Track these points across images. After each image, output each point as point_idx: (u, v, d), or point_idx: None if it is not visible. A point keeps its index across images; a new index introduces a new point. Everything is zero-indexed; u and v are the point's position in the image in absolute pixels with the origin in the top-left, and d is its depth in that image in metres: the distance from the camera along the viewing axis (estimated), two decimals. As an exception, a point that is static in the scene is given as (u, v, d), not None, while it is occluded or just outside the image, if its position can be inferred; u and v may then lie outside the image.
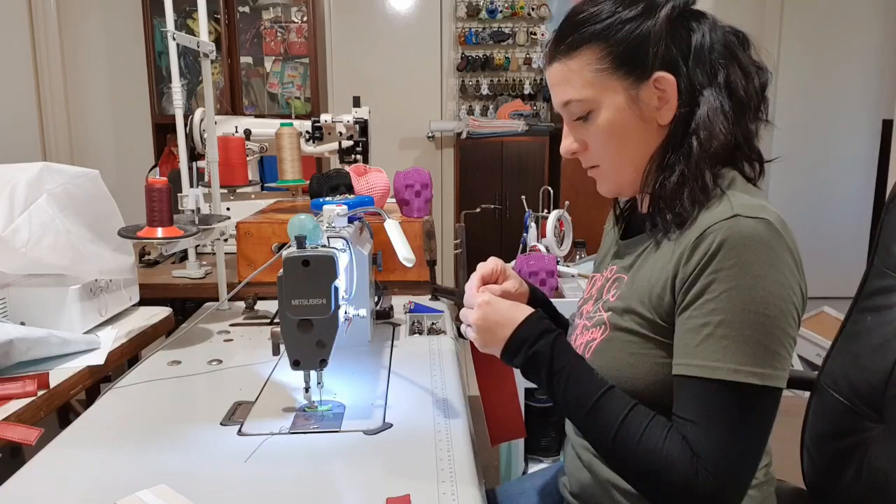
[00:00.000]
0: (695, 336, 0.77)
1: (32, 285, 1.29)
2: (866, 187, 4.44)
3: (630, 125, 0.87)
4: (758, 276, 0.75)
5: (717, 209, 0.80)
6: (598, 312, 0.93)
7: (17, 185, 1.25)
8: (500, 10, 4.22)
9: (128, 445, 0.94)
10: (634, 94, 0.85)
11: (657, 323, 0.83)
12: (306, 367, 0.99)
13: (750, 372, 0.75)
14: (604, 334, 0.90)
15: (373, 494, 0.81)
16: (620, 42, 0.84)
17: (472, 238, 3.70)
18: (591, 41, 0.86)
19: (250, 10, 3.87)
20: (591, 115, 0.88)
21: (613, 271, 0.95)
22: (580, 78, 0.87)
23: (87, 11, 4.16)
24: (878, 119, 4.36)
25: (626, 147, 0.89)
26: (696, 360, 0.77)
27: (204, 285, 1.84)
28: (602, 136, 0.88)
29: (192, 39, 1.49)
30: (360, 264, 1.24)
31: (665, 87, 0.85)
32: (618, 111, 0.86)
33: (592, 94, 0.87)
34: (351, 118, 2.13)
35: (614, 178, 0.92)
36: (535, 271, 1.89)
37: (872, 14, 4.29)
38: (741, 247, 0.76)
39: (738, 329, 0.75)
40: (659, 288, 0.83)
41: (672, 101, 0.85)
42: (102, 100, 4.28)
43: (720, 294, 0.76)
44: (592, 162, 0.93)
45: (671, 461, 0.76)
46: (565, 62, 0.88)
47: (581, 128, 0.90)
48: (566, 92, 0.89)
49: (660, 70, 0.84)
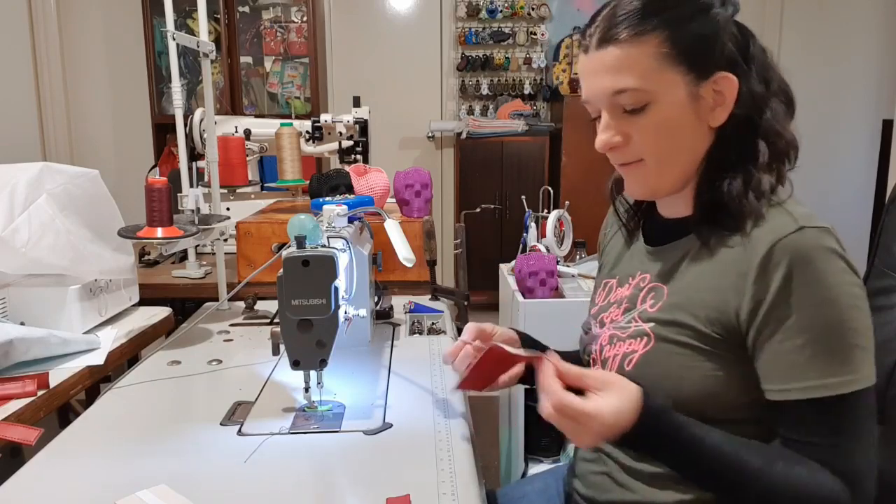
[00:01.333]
0: (797, 357, 0.76)
1: (32, 285, 1.29)
2: (866, 187, 4.43)
3: (684, 123, 0.83)
4: (837, 284, 0.75)
5: (778, 221, 0.79)
6: (633, 323, 0.90)
7: (17, 185, 1.25)
8: (500, 10, 4.22)
9: (128, 445, 0.94)
10: (695, 90, 0.81)
11: (712, 336, 0.81)
12: (306, 367, 0.99)
13: (862, 377, 0.75)
14: (647, 346, 0.86)
15: (373, 494, 0.81)
16: (689, 34, 0.80)
17: (472, 238, 3.70)
18: (658, 28, 0.80)
19: (250, 10, 3.87)
20: (645, 108, 0.82)
21: (647, 280, 0.91)
22: (641, 66, 0.80)
23: (87, 11, 4.16)
24: (878, 119, 4.36)
25: (676, 145, 0.84)
26: (810, 381, 0.75)
27: (204, 285, 1.84)
28: (654, 132, 0.83)
29: (192, 39, 1.49)
30: (360, 264, 1.24)
31: (724, 87, 0.81)
32: (675, 106, 0.82)
33: (653, 85, 0.81)
34: (351, 118, 2.13)
35: (656, 177, 0.87)
36: (535, 271, 1.89)
37: (872, 14, 4.29)
38: (817, 260, 0.76)
39: (837, 341, 0.75)
40: (719, 304, 0.80)
41: (729, 103, 0.82)
42: (102, 100, 4.28)
43: (808, 312, 0.75)
44: (633, 157, 0.86)
45: (822, 493, 0.75)
46: (626, 47, 0.80)
47: (627, 120, 0.84)
48: (622, 80, 0.81)
49: (723, 70, 0.81)
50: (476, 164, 4.00)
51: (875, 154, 4.38)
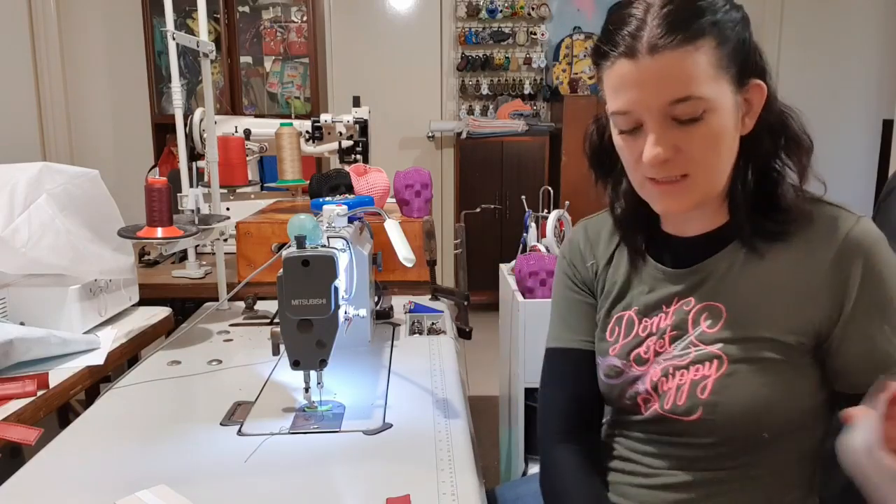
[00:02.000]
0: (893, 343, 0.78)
1: (32, 285, 1.29)
2: (866, 187, 4.43)
3: (731, 130, 0.81)
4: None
5: (834, 216, 0.82)
6: (691, 348, 0.85)
7: (17, 185, 1.25)
8: (500, 9, 4.22)
9: (128, 445, 0.94)
10: (737, 98, 0.80)
11: (794, 345, 0.80)
12: (306, 367, 0.99)
13: None
14: (721, 369, 0.82)
15: (373, 494, 0.81)
16: (734, 39, 0.78)
17: (472, 238, 3.70)
18: (709, 32, 0.76)
19: (250, 10, 3.87)
20: (703, 117, 0.77)
21: (692, 303, 0.87)
22: (701, 73, 0.76)
23: (87, 12, 4.16)
24: (878, 119, 4.36)
25: (725, 155, 0.82)
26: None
27: (204, 285, 1.84)
28: (708, 142, 0.79)
29: (192, 39, 1.49)
30: (360, 264, 1.24)
31: (754, 95, 0.81)
32: (728, 114, 0.79)
33: (711, 92, 0.77)
34: (351, 118, 2.13)
35: (704, 190, 0.82)
36: (535, 271, 1.89)
37: (872, 14, 4.29)
38: (883, 244, 0.80)
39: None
40: (798, 309, 0.80)
41: (756, 111, 0.82)
42: (102, 100, 4.28)
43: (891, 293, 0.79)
44: (682, 171, 0.80)
45: None
46: (685, 53, 0.75)
47: (681, 131, 0.78)
48: (684, 88, 0.76)
49: (756, 77, 0.81)
50: (476, 164, 4.00)
51: (875, 154, 4.38)
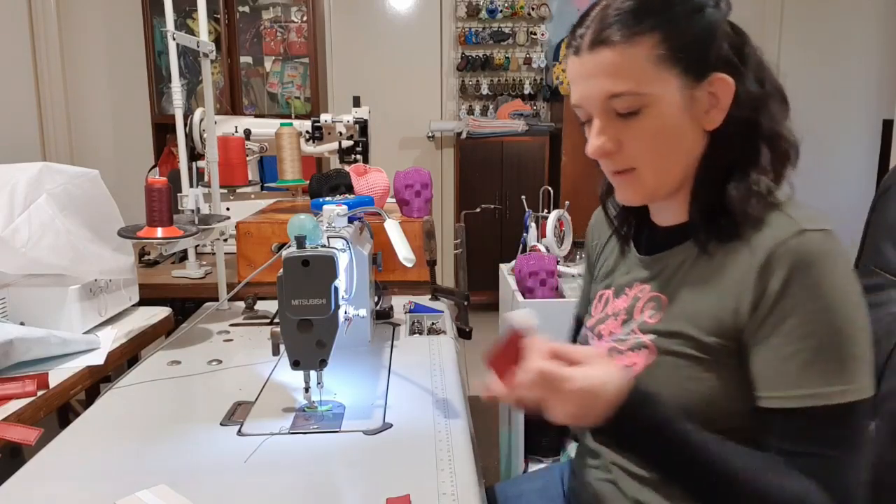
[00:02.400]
0: (790, 364, 0.74)
1: (32, 285, 1.29)
2: (866, 187, 4.43)
3: (681, 126, 0.80)
4: (837, 289, 0.73)
5: (779, 224, 0.77)
6: (632, 335, 0.88)
7: (17, 185, 1.25)
8: (500, 9, 4.22)
9: (128, 445, 0.94)
10: (690, 92, 0.79)
11: (714, 345, 0.79)
12: (306, 367, 0.99)
13: (857, 388, 0.73)
14: (649, 359, 0.84)
15: (373, 494, 0.81)
16: (685, 33, 0.78)
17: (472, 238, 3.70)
18: (653, 29, 0.77)
19: (250, 10, 3.87)
20: (641, 112, 0.79)
21: (646, 290, 0.89)
22: (637, 68, 0.77)
23: (87, 11, 4.16)
24: (878, 119, 4.36)
25: (672, 150, 0.81)
26: (804, 390, 0.73)
27: (204, 285, 1.84)
28: (648, 136, 0.80)
29: (192, 39, 1.49)
30: (360, 264, 1.24)
31: (719, 89, 0.79)
32: (671, 110, 0.79)
33: (648, 88, 0.78)
34: (351, 118, 2.13)
35: (652, 184, 0.84)
36: (535, 271, 1.89)
37: (872, 14, 4.29)
38: (817, 264, 0.73)
39: (836, 349, 0.73)
40: (718, 312, 0.79)
41: (724, 105, 0.80)
42: (102, 100, 4.28)
43: (809, 316, 0.73)
44: (626, 164, 0.83)
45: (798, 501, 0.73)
46: (620, 49, 0.78)
47: (621, 125, 0.81)
48: (617, 83, 0.78)
49: (720, 70, 0.79)
50: (476, 164, 4.00)
51: (875, 154, 4.38)
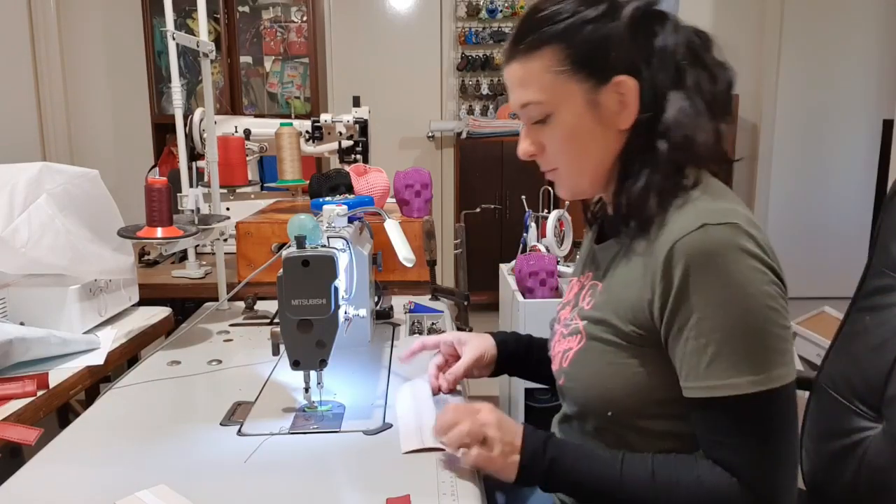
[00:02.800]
0: (700, 357, 0.76)
1: (32, 285, 1.29)
2: (866, 187, 4.43)
3: (589, 130, 0.85)
4: (740, 282, 0.74)
5: (683, 219, 0.78)
6: (574, 320, 0.92)
7: (17, 185, 1.25)
8: (500, 9, 4.22)
9: (128, 445, 0.94)
10: (594, 97, 0.83)
11: (633, 334, 0.83)
12: (306, 367, 0.99)
13: (767, 377, 0.74)
14: (580, 343, 0.89)
15: (373, 494, 0.81)
16: (581, 43, 0.82)
17: (472, 238, 3.69)
18: (552, 41, 0.83)
19: (250, 10, 3.87)
20: (549, 119, 0.86)
21: (589, 278, 0.95)
22: (539, 80, 0.85)
23: (87, 11, 4.16)
24: (878, 119, 4.36)
25: (584, 151, 0.87)
26: (711, 381, 0.75)
27: (204, 285, 1.84)
28: (560, 141, 0.87)
29: (192, 39, 1.49)
30: (360, 264, 1.24)
31: (625, 91, 0.83)
32: (576, 115, 0.84)
33: (551, 97, 0.84)
34: (351, 118, 2.13)
35: (572, 183, 0.91)
36: (535, 271, 1.89)
37: (872, 14, 4.29)
38: (717, 257, 0.75)
39: (740, 340, 0.74)
40: (636, 303, 0.82)
41: (632, 106, 0.83)
42: (102, 100, 4.28)
43: (711, 310, 0.75)
44: (550, 165, 0.91)
45: (711, 493, 0.76)
46: (524, 63, 0.85)
47: (539, 131, 0.88)
48: (524, 94, 0.86)
49: (621, 73, 0.82)
50: (476, 164, 4.00)
51: (875, 154, 4.38)
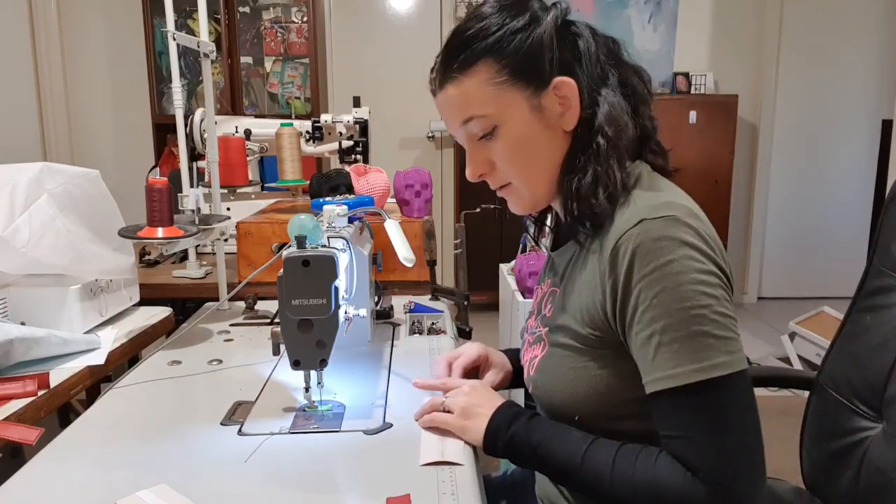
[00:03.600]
0: (647, 350, 0.77)
1: (32, 285, 1.29)
2: (866, 187, 4.44)
3: (537, 136, 0.86)
4: (679, 272, 0.75)
5: (623, 217, 0.80)
6: (538, 328, 0.94)
7: (18, 185, 1.25)
8: (500, 10, 4.22)
9: (128, 445, 0.94)
10: (537, 103, 0.85)
11: (591, 336, 0.84)
12: (306, 367, 0.99)
13: (710, 366, 0.74)
14: (544, 351, 0.90)
15: (373, 494, 0.81)
16: (514, 53, 0.83)
17: (472, 238, 3.70)
18: (485, 56, 0.84)
19: (250, 11, 3.87)
20: (495, 132, 0.86)
21: (549, 285, 0.95)
22: (479, 95, 0.85)
23: (87, 11, 4.16)
24: (878, 119, 4.36)
25: (535, 159, 0.88)
26: (657, 374, 0.76)
27: (204, 285, 1.84)
28: (509, 152, 0.87)
29: (193, 39, 1.49)
30: (360, 264, 1.24)
31: (566, 92, 0.84)
32: (523, 123, 0.85)
33: (495, 109, 0.85)
34: (351, 118, 2.13)
35: (529, 194, 0.91)
36: (535, 271, 1.89)
37: (872, 14, 4.29)
38: (655, 250, 0.76)
39: (680, 330, 0.74)
40: (590, 305, 0.83)
41: (575, 106, 0.85)
42: (102, 100, 4.28)
43: (651, 301, 0.75)
44: (502, 181, 0.91)
45: (665, 487, 0.76)
46: (459, 83, 0.86)
47: (485, 147, 0.88)
48: (465, 111, 0.86)
49: (558, 75, 0.84)
50: (476, 164, 3.99)
51: (875, 154, 4.38)
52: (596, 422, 0.85)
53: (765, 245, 4.56)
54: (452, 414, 0.92)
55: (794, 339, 3.34)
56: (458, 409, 0.92)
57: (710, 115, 4.06)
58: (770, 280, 4.62)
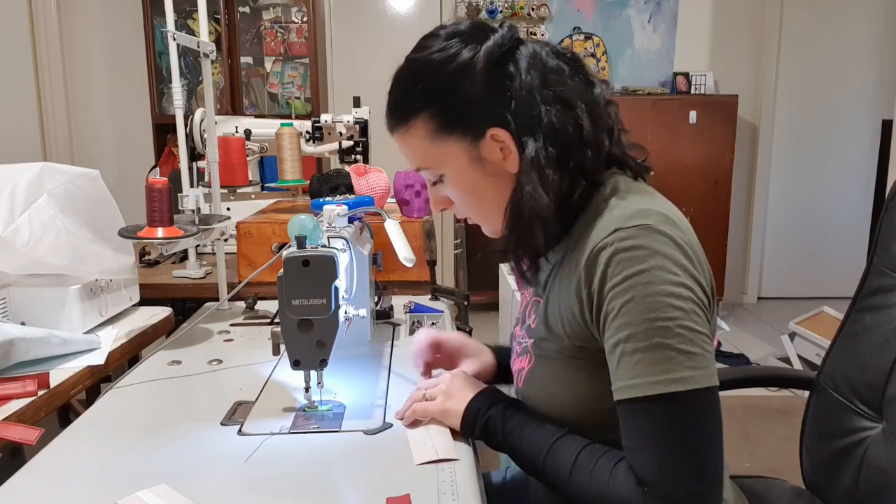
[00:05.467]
0: (613, 358, 0.77)
1: (33, 285, 1.29)
2: (866, 187, 4.44)
3: (480, 182, 0.87)
4: (649, 282, 0.73)
5: (599, 228, 0.79)
6: (524, 339, 0.94)
7: (18, 185, 1.25)
8: (500, 10, 4.23)
9: (128, 445, 0.94)
10: (476, 153, 0.85)
11: (573, 347, 0.84)
12: (306, 367, 0.99)
13: (669, 380, 0.72)
14: (530, 363, 0.90)
15: (373, 494, 0.81)
16: (447, 106, 0.84)
17: (471, 238, 3.70)
18: (419, 112, 0.85)
19: (250, 11, 3.87)
20: (443, 178, 0.90)
21: (531, 294, 0.95)
22: (419, 150, 0.88)
23: (87, 11, 4.16)
24: (878, 119, 4.36)
25: (485, 201, 0.89)
26: (619, 382, 0.75)
27: (204, 285, 1.84)
28: (460, 196, 0.90)
29: (193, 40, 1.49)
30: (360, 264, 1.24)
31: (503, 138, 0.83)
32: (464, 173, 0.87)
33: (434, 161, 0.88)
34: (351, 118, 2.13)
35: (488, 227, 0.93)
36: (535, 271, 1.89)
37: (872, 14, 4.29)
38: (626, 259, 0.74)
39: (644, 341, 0.73)
40: (570, 317, 0.82)
41: (514, 151, 0.83)
42: (102, 100, 4.28)
43: (619, 310, 0.74)
44: (462, 215, 0.94)
45: (617, 497, 0.76)
46: (402, 135, 0.88)
47: (440, 188, 0.92)
48: (413, 161, 0.91)
49: (492, 125, 0.83)
50: (476, 164, 3.99)
51: (875, 154, 4.38)
52: (586, 431, 0.84)
53: (765, 245, 4.56)
54: (433, 401, 0.95)
55: (794, 339, 3.34)
56: (440, 394, 0.95)
57: (710, 115, 4.06)
58: (770, 280, 4.62)
